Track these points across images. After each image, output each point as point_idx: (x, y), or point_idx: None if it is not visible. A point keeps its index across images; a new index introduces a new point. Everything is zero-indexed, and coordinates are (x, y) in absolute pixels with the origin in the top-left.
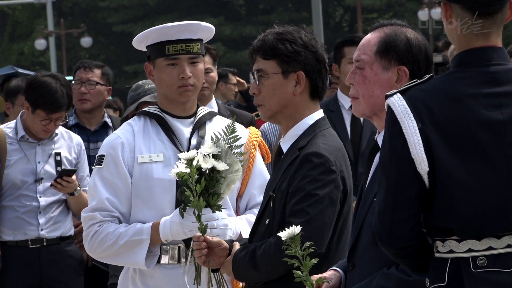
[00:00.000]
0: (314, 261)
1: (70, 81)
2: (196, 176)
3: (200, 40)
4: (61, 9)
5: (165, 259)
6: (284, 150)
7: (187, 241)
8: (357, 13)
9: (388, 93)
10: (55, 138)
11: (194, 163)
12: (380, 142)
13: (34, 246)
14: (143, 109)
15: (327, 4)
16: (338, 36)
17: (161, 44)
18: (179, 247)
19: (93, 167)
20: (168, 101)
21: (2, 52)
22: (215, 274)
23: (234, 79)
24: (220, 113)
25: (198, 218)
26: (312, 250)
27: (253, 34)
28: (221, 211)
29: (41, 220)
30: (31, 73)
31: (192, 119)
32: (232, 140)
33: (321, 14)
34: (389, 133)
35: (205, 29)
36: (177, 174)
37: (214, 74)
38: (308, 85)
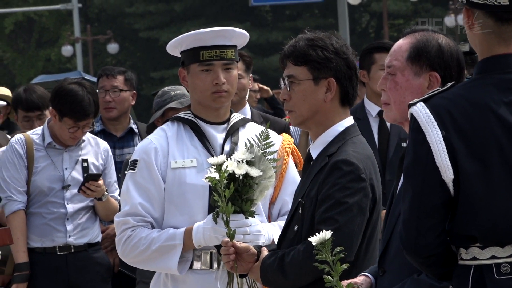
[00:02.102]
0: (345, 266)
1: (94, 83)
2: (225, 181)
3: (234, 46)
4: (87, 15)
5: (197, 265)
6: (314, 157)
7: (219, 247)
8: (383, 19)
9: (411, 102)
10: (82, 145)
11: (223, 168)
12: None
13: (62, 253)
14: (177, 115)
15: (354, 10)
16: (364, 42)
17: (196, 50)
18: (211, 253)
19: (126, 172)
20: (201, 107)
21: (29, 58)
22: (247, 279)
23: (256, 85)
24: (253, 119)
25: (226, 223)
26: (343, 256)
27: (279, 40)
28: (254, 217)
29: (69, 227)
30: (94, 78)
31: (225, 125)
32: (265, 146)
33: (347, 20)
34: (413, 141)
35: (239, 35)
36: (207, 178)
37: (246, 81)
38: (338, 92)
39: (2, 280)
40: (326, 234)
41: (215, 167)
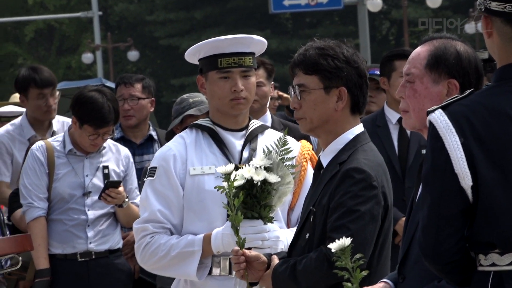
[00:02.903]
0: (364, 273)
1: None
2: (234, 190)
3: (252, 54)
4: (108, 23)
5: (216, 271)
6: (324, 165)
7: None
8: (404, 27)
9: (429, 109)
10: (103, 151)
11: (232, 177)
12: None
13: (83, 259)
14: (195, 122)
15: (374, 18)
16: (385, 50)
17: (214, 57)
18: (230, 259)
19: (144, 179)
20: (220, 114)
21: (49, 66)
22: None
23: (275, 93)
24: (273, 126)
25: (236, 232)
26: (362, 262)
27: (299, 48)
28: (272, 223)
29: (90, 234)
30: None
31: (244, 132)
32: (283, 152)
33: (368, 28)
34: (431, 149)
35: (257, 43)
36: (216, 188)
37: (267, 88)
38: (349, 101)
39: (24, 286)
40: (346, 241)
41: (223, 176)
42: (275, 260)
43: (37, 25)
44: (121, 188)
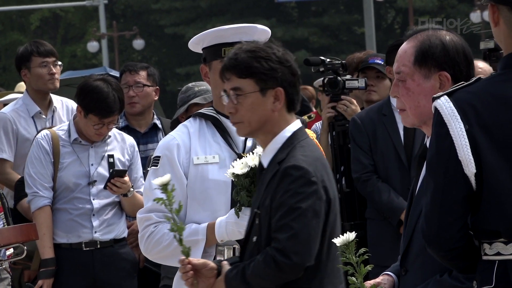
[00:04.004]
0: (369, 267)
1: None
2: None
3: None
4: (113, 11)
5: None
6: (265, 165)
7: (241, 241)
8: (409, 15)
9: (435, 95)
10: (108, 140)
11: (238, 167)
12: None
13: (88, 248)
14: (199, 111)
15: (379, 6)
16: (390, 38)
17: (217, 46)
18: (234, 248)
19: (148, 169)
20: (222, 103)
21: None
22: None
23: None
24: None
25: (180, 241)
26: (367, 257)
27: (305, 37)
28: None
29: (95, 223)
30: (117, 74)
31: None
32: None
33: (373, 16)
34: (436, 135)
35: (261, 32)
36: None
37: None
38: (285, 100)
39: (29, 276)
40: (350, 236)
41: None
42: (226, 266)
43: (43, 14)
44: (126, 178)
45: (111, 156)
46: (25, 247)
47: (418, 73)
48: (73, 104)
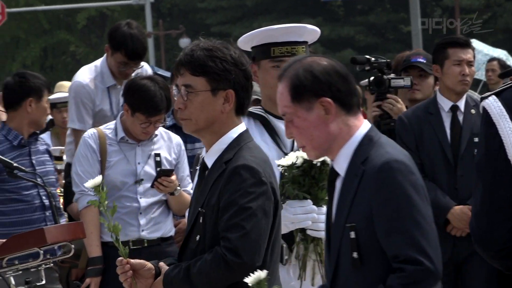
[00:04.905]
0: None
1: (166, 78)
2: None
3: (305, 42)
4: (159, 10)
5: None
6: (209, 165)
7: (287, 235)
8: (455, 14)
9: (483, 95)
10: (155, 139)
11: (291, 160)
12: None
13: (135, 247)
14: (247, 109)
15: (425, 5)
16: (436, 37)
17: (267, 46)
18: (282, 246)
19: (197, 167)
20: (271, 102)
21: (101, 53)
22: (319, 267)
23: None
24: None
25: (117, 241)
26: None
27: (351, 35)
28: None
29: (142, 221)
30: (166, 73)
31: None
32: None
33: (419, 15)
34: (484, 135)
35: (310, 32)
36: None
37: None
38: (235, 103)
39: (76, 274)
40: (261, 274)
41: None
42: (165, 267)
43: (89, 13)
44: (173, 177)
45: (158, 155)
46: (73, 246)
47: (300, 109)
48: (149, 70)
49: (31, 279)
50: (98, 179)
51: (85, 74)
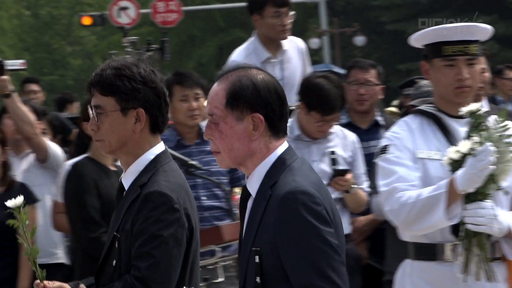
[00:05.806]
0: None
1: (342, 75)
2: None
3: (477, 41)
4: (334, 8)
5: (445, 255)
6: (126, 187)
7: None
8: None
9: None
10: (330, 137)
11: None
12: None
13: None
14: (419, 108)
15: None
16: None
17: (438, 44)
18: (455, 245)
19: (376, 160)
20: (444, 101)
21: None
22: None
23: (510, 73)
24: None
25: (34, 265)
26: None
27: None
28: (488, 200)
29: None
30: (341, 71)
31: (467, 119)
32: (501, 129)
33: None
34: None
35: (482, 30)
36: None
37: (488, 74)
38: (148, 121)
39: None
40: None
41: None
42: None
43: None
44: (348, 176)
45: (333, 152)
46: None
47: (231, 116)
48: (303, 45)
49: (209, 277)
50: (20, 200)
51: (240, 53)
